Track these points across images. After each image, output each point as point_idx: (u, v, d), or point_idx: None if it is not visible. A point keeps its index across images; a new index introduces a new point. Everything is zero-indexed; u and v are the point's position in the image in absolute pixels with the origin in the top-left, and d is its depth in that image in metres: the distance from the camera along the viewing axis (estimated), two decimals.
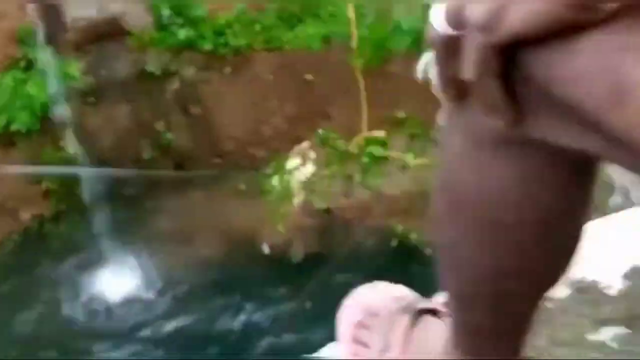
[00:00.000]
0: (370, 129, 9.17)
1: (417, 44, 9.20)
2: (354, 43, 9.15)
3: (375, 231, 8.94)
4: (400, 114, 9.17)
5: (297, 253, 9.04)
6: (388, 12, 9.38)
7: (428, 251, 8.75)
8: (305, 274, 8.97)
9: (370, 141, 9.12)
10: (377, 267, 8.68)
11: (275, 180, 9.29)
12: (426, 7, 8.26)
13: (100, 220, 9.15)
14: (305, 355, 3.37)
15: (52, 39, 9.14)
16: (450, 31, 1.40)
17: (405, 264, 8.76)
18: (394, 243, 8.83)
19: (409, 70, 9.10)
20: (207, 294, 8.90)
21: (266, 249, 9.09)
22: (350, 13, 9.18)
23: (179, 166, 9.58)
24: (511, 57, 1.32)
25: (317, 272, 8.95)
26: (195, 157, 9.65)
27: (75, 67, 9.36)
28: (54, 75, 9.05)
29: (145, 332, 8.52)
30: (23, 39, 9.26)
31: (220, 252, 9.10)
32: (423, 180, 8.84)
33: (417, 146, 9.01)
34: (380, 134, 9.14)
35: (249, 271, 9.05)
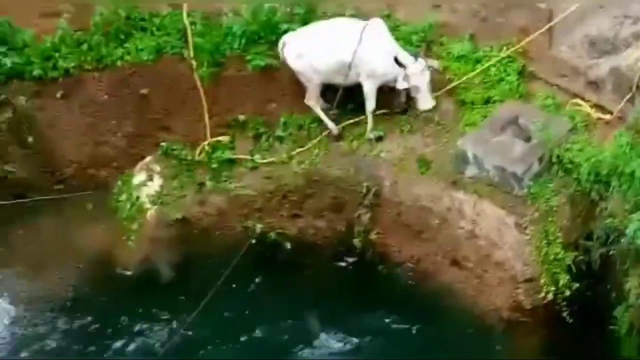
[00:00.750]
0: (213, 134, 9.14)
1: (250, 45, 9.32)
2: (189, 52, 9.16)
3: (234, 234, 8.90)
4: (241, 117, 9.20)
5: (160, 270, 8.89)
6: (218, 18, 9.42)
7: (288, 246, 8.83)
8: (170, 291, 8.81)
9: (216, 147, 9.08)
10: (240, 270, 8.63)
11: (123, 199, 9.08)
12: (255, 10, 8.30)
13: None
14: None
15: None
16: None
17: (267, 261, 8.77)
18: (254, 242, 8.79)
19: (245, 73, 9.24)
20: (64, 321, 8.59)
21: (124, 270, 8.87)
22: (185, 21, 9.18)
23: (20, 196, 9.18)
24: None
25: (180, 287, 8.81)
26: (36, 185, 9.29)
27: None
28: None
29: None
30: None
31: (76, 277, 8.81)
32: (274, 178, 8.92)
33: (262, 145, 9.06)
34: (224, 138, 9.12)
35: (107, 294, 8.79)
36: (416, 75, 8.33)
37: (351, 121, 8.84)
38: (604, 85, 8.10)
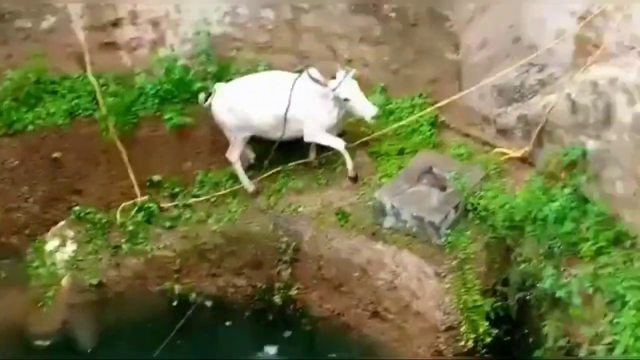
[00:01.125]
0: (130, 195, 9.00)
1: (164, 105, 9.27)
2: (101, 113, 9.06)
3: (153, 296, 8.74)
4: (156, 177, 9.10)
5: (78, 338, 8.68)
6: (130, 78, 9.37)
7: (208, 305, 8.70)
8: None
9: (132, 208, 8.94)
10: (160, 334, 8.45)
11: (37, 266, 8.85)
12: (168, 69, 8.29)
13: None
14: None
15: None
16: None
17: (188, 323, 8.60)
18: (175, 304, 8.66)
19: (159, 132, 9.16)
20: None
21: (41, 339, 8.62)
22: (93, 83, 9.08)
23: None
24: None
25: (100, 354, 8.60)
26: None
27: None
28: None
29: None
30: None
31: None
32: (191, 237, 8.80)
33: (178, 205, 8.96)
34: (141, 199, 8.99)
35: None
36: (341, 87, 8.21)
37: (267, 174, 8.81)
38: (513, 133, 8.24)
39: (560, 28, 8.34)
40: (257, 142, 8.81)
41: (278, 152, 8.69)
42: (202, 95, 8.68)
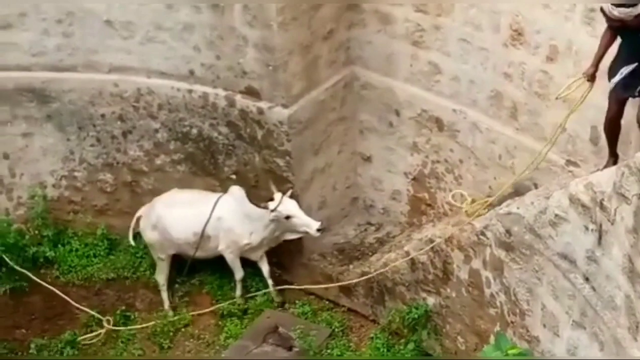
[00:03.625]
0: None
1: None
2: None
3: None
4: None
5: None
6: None
7: None
8: None
9: None
10: None
11: None
12: (1, 234, 7.91)
13: None
14: None
15: None
16: None
17: None
18: None
19: None
20: None
21: None
22: None
23: None
24: None
25: None
26: None
27: None
28: None
29: None
30: None
31: None
32: None
33: None
34: None
35: None
36: (282, 206, 8.19)
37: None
38: (356, 290, 8.41)
39: (395, 189, 8.75)
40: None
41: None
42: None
